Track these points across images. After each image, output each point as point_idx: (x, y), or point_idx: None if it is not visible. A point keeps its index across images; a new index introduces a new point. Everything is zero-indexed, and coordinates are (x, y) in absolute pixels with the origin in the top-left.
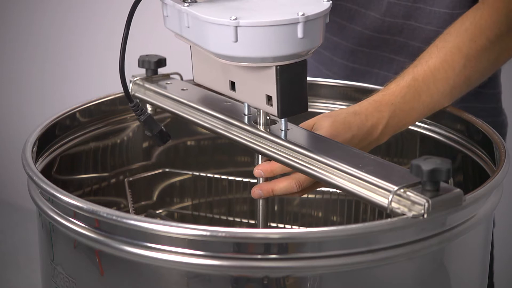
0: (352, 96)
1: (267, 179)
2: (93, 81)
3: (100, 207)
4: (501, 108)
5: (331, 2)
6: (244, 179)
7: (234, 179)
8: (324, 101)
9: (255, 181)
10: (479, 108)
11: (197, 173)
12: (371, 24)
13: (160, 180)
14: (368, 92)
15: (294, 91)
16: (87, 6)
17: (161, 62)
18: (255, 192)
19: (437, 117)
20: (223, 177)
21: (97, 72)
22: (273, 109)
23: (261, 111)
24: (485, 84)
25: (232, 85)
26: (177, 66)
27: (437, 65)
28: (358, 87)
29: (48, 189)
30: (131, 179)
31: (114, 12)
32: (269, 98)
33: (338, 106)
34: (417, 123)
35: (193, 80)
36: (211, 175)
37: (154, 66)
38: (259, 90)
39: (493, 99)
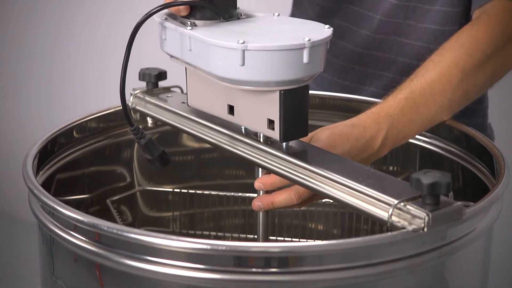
0: (349, 108)
1: (267, 192)
2: (94, 93)
3: (101, 221)
4: (487, 123)
5: (332, 29)
6: (227, 193)
7: (217, 194)
8: (321, 112)
9: (239, 194)
10: (465, 123)
11: (177, 190)
12: (361, 41)
13: (143, 197)
14: (365, 104)
15: (296, 115)
16: (89, 17)
17: (162, 75)
18: (255, 204)
19: (436, 130)
20: (205, 192)
21: (98, 84)
22: (275, 133)
23: None
24: None
25: (231, 109)
26: (177, 79)
27: (434, 79)
28: (355, 99)
29: (49, 202)
30: (114, 198)
31: (116, 23)
32: (270, 122)
33: (336, 118)
34: (416, 136)
35: (187, 103)
36: (193, 191)
37: (154, 79)
38: (260, 114)
39: (480, 114)
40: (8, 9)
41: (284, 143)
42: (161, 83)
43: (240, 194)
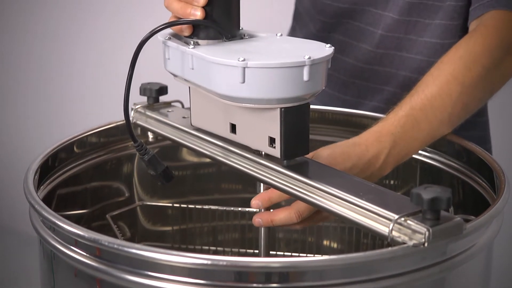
0: (349, 123)
1: (268, 208)
2: (94, 106)
3: (101, 236)
4: (488, 137)
5: (333, 48)
6: (227, 208)
7: (217, 208)
8: (321, 126)
9: (238, 209)
10: (466, 136)
11: (177, 205)
12: (363, 56)
13: (143, 212)
14: (366, 119)
15: (297, 133)
16: (92, 32)
17: (163, 90)
18: (255, 220)
19: (437, 144)
20: (204, 207)
21: (98, 97)
22: (276, 151)
23: None
24: None
25: (233, 128)
26: (178, 94)
27: (434, 93)
28: (355, 114)
29: (50, 217)
30: (114, 213)
31: (119, 38)
32: (271, 140)
33: (336, 132)
34: None
35: (191, 123)
36: (192, 206)
37: (155, 94)
38: (262, 132)
39: (481, 127)
40: (5, 17)
41: None
42: (162, 98)
43: (239, 208)
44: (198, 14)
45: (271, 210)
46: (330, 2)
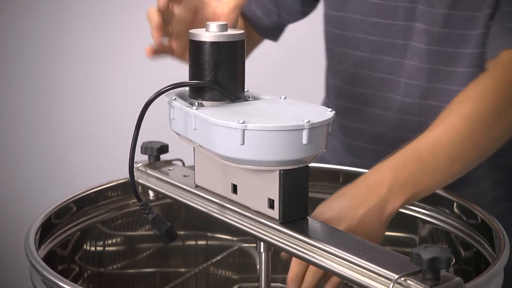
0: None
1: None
2: (96, 164)
3: None
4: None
5: (334, 112)
6: None
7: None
8: (320, 184)
9: None
10: (502, 164)
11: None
12: (392, 106)
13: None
14: None
15: (296, 196)
16: (93, 86)
17: (164, 148)
18: None
19: (436, 203)
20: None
21: (99, 155)
22: (275, 213)
23: None
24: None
25: (234, 188)
26: (179, 153)
27: (441, 131)
28: (357, 172)
29: (50, 277)
30: None
31: (120, 93)
32: (271, 202)
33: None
34: (417, 208)
35: (194, 182)
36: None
37: (156, 152)
38: (261, 193)
39: (475, 183)
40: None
41: None
42: (163, 156)
43: None
44: None
45: None
46: (350, 51)
